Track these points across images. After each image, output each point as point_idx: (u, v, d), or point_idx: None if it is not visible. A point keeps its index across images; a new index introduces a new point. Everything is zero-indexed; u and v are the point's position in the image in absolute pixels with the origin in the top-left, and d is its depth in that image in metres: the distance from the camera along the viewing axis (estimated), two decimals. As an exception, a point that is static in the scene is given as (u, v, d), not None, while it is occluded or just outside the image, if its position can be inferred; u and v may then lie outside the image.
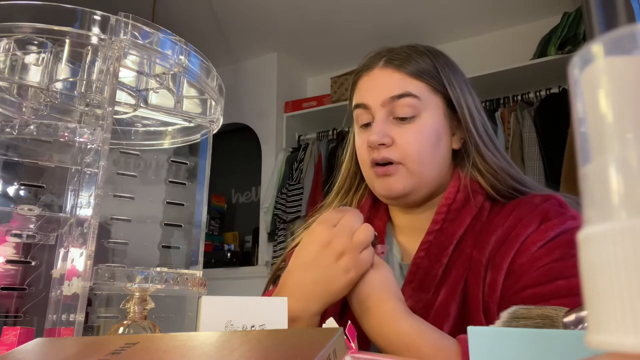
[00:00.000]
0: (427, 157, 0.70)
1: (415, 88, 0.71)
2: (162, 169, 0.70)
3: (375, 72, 0.74)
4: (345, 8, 2.69)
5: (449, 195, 0.72)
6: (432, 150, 0.71)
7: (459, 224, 0.69)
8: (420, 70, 0.72)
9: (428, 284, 0.67)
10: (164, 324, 0.57)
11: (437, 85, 0.72)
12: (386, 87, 0.72)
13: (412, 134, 0.70)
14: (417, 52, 0.75)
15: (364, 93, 0.74)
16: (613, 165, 0.16)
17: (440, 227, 0.70)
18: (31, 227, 0.55)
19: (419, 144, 0.70)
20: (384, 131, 0.70)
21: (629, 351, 0.14)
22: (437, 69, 0.73)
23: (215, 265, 2.99)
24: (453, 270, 0.67)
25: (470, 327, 0.30)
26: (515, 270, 0.62)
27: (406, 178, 0.70)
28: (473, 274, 0.65)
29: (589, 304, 0.16)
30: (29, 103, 0.59)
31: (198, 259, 0.62)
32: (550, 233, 0.62)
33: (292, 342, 0.30)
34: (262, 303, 0.47)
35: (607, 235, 0.15)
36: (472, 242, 0.68)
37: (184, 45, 0.58)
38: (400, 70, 0.72)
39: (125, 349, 0.33)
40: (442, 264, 0.67)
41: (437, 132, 0.71)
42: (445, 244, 0.69)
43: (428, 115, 0.71)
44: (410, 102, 0.70)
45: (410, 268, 0.69)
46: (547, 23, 2.53)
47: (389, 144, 0.70)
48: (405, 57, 0.73)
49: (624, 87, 0.16)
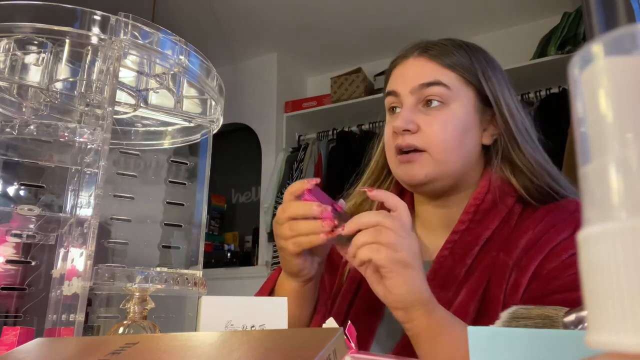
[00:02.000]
0: (453, 147, 0.69)
1: (446, 78, 0.70)
2: (162, 169, 0.70)
3: (409, 61, 0.74)
4: (345, 8, 2.69)
5: (478, 195, 0.70)
6: (458, 141, 0.69)
7: (485, 226, 0.68)
8: (453, 62, 0.71)
9: (449, 284, 0.66)
10: (164, 324, 0.57)
11: (470, 77, 0.72)
12: (417, 75, 0.71)
13: (439, 122, 0.68)
14: (454, 44, 0.74)
15: (395, 80, 0.74)
16: (613, 165, 0.16)
17: (466, 227, 0.69)
18: (31, 227, 0.55)
19: (445, 132, 0.68)
20: (410, 117, 0.69)
21: (629, 351, 0.14)
22: (472, 61, 0.73)
23: (215, 265, 2.99)
24: (476, 272, 0.66)
25: (470, 327, 0.30)
26: (543, 275, 0.61)
27: (429, 165, 0.68)
28: (497, 276, 0.64)
29: (589, 304, 0.16)
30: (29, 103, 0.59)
31: (198, 259, 0.62)
32: None
33: (292, 342, 0.30)
34: (262, 303, 0.47)
35: (607, 235, 0.15)
36: (499, 245, 0.67)
37: (184, 45, 0.58)
38: (433, 60, 0.72)
39: (125, 349, 0.33)
40: (465, 265, 0.66)
41: (465, 124, 0.70)
42: (471, 245, 0.67)
43: (457, 106, 0.70)
44: (439, 90, 0.69)
45: (433, 266, 0.68)
46: (547, 23, 2.52)
47: (414, 130, 0.69)
48: (440, 48, 0.73)
49: (624, 87, 0.16)
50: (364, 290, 0.73)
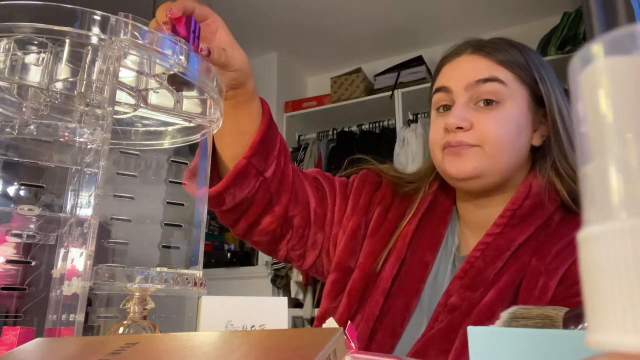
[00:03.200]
0: (506, 145, 0.67)
1: (503, 74, 0.69)
2: (162, 169, 0.70)
3: (463, 58, 0.72)
4: (345, 8, 2.69)
5: (516, 200, 0.69)
6: (511, 140, 0.68)
7: (520, 231, 0.67)
8: (509, 59, 0.70)
9: (477, 284, 0.66)
10: (164, 324, 0.57)
11: (525, 76, 0.70)
12: (472, 71, 0.70)
13: (494, 120, 0.67)
14: (508, 43, 0.73)
15: (447, 76, 0.73)
16: (613, 165, 0.16)
17: (500, 231, 0.68)
18: (31, 227, 0.55)
19: (499, 130, 0.67)
20: (463, 114, 0.67)
21: (629, 351, 0.14)
22: (528, 61, 0.71)
23: (215, 265, 2.99)
24: (506, 275, 0.65)
25: (470, 327, 0.30)
26: (570, 277, 0.61)
27: (480, 159, 0.67)
28: (528, 280, 0.64)
29: (589, 304, 0.16)
30: (29, 103, 0.59)
31: (198, 259, 0.62)
32: None
33: (292, 342, 0.30)
34: (262, 303, 0.47)
35: (607, 235, 0.15)
36: (532, 250, 0.66)
37: (184, 45, 0.58)
38: (488, 57, 0.70)
39: (125, 349, 0.33)
40: (496, 268, 0.66)
41: (519, 123, 0.69)
42: (503, 249, 0.67)
43: (512, 104, 0.68)
44: (495, 87, 0.68)
45: (463, 265, 0.68)
46: (547, 23, 2.52)
47: (467, 128, 0.67)
48: (495, 46, 0.71)
49: (624, 87, 0.16)
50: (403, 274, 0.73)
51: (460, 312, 0.64)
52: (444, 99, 0.72)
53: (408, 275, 0.72)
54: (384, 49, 3.01)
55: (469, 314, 0.63)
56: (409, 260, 0.74)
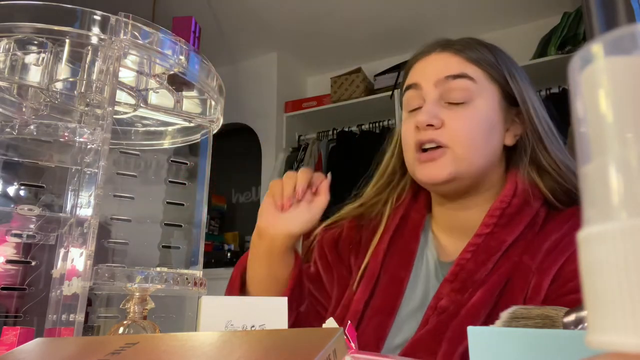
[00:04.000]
0: (477, 145, 0.67)
1: (472, 71, 0.69)
2: (162, 169, 0.70)
3: (432, 56, 0.72)
4: (345, 8, 2.69)
5: (505, 198, 0.68)
6: (483, 139, 0.67)
7: (510, 231, 0.66)
8: (478, 57, 0.70)
9: (468, 286, 0.65)
10: (164, 324, 0.57)
11: (495, 74, 0.70)
12: (442, 68, 0.69)
13: (464, 118, 0.67)
14: (477, 42, 0.73)
15: (417, 74, 0.72)
16: (613, 165, 0.16)
17: (490, 230, 0.67)
18: (31, 227, 0.55)
19: (470, 129, 0.66)
20: (434, 112, 0.67)
21: (630, 351, 0.14)
22: (497, 59, 0.71)
23: (215, 265, 2.99)
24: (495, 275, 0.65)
25: (470, 327, 0.30)
26: (563, 276, 0.60)
27: (452, 163, 0.67)
28: (518, 279, 0.63)
29: (589, 304, 0.16)
30: (29, 103, 0.59)
31: (198, 259, 0.62)
32: None
33: (292, 342, 0.30)
34: (262, 303, 0.47)
35: (607, 235, 0.15)
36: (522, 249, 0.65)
37: (184, 45, 0.58)
38: (458, 54, 0.70)
39: (125, 349, 0.33)
40: (487, 269, 0.65)
41: (490, 121, 0.68)
42: (494, 250, 0.66)
43: (482, 102, 0.68)
44: (465, 84, 0.67)
45: (453, 268, 0.67)
46: (547, 23, 2.52)
47: (438, 125, 0.67)
48: (464, 44, 0.71)
49: (624, 87, 0.16)
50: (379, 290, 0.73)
51: (448, 314, 0.63)
52: (415, 97, 0.71)
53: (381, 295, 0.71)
54: (384, 49, 3.01)
55: (457, 315, 0.62)
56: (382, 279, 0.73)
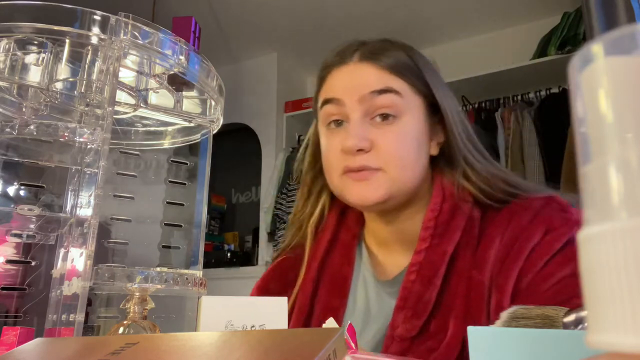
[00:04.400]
0: (410, 163, 0.64)
1: (397, 84, 0.64)
2: (162, 169, 0.70)
3: (351, 66, 0.66)
4: (345, 8, 2.69)
5: (435, 206, 0.64)
6: (414, 156, 0.64)
7: (448, 240, 0.63)
8: (401, 66, 0.65)
9: (422, 310, 0.61)
10: (164, 324, 0.57)
11: (419, 84, 0.66)
12: (364, 82, 0.64)
13: (394, 136, 0.63)
14: (395, 47, 0.68)
15: (337, 88, 0.66)
16: (613, 165, 0.16)
17: (429, 244, 0.63)
18: (31, 227, 0.55)
19: (402, 148, 0.63)
20: (363, 134, 0.62)
21: (629, 351, 0.14)
22: (419, 66, 0.67)
23: (215, 265, 2.99)
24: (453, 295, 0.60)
25: (470, 327, 0.30)
26: (523, 290, 0.56)
27: (386, 185, 0.63)
28: (475, 297, 0.59)
29: (589, 304, 0.16)
30: (29, 103, 0.59)
31: (198, 259, 0.62)
32: (556, 244, 0.56)
33: (292, 342, 0.30)
34: (262, 303, 0.47)
35: (607, 235, 0.15)
36: (469, 261, 0.61)
37: (184, 45, 0.58)
38: (379, 65, 0.65)
39: (125, 349, 0.33)
40: (435, 287, 0.61)
41: (418, 137, 0.65)
42: (437, 264, 0.62)
43: (409, 118, 0.64)
44: (391, 99, 0.63)
45: (401, 293, 0.62)
46: (547, 23, 2.53)
47: (368, 149, 0.62)
48: (382, 51, 0.66)
49: (624, 87, 0.16)
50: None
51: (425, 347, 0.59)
52: (336, 112, 0.66)
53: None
54: (384, 49, 3.01)
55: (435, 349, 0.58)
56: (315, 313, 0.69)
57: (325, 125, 0.68)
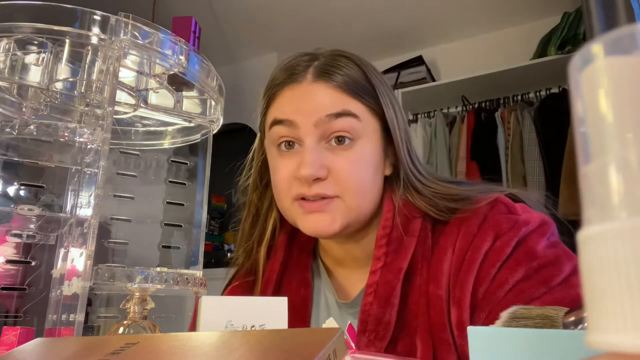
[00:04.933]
0: (367, 190, 0.61)
1: (355, 107, 0.61)
2: (162, 169, 0.70)
3: (304, 85, 0.63)
4: (345, 8, 2.69)
5: (386, 223, 0.63)
6: (371, 181, 0.62)
7: (403, 256, 0.61)
8: (357, 86, 0.62)
9: (384, 332, 0.59)
10: (164, 324, 0.57)
11: (374, 105, 0.63)
12: (320, 104, 0.61)
13: (351, 162, 0.60)
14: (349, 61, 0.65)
15: (290, 109, 0.62)
16: (613, 165, 0.16)
17: (384, 263, 0.61)
18: (31, 227, 0.55)
19: (359, 174, 0.60)
20: (318, 161, 0.59)
21: (629, 351, 0.14)
22: (373, 85, 0.64)
23: (215, 265, 2.99)
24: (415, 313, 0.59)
25: (470, 327, 0.30)
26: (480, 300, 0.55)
27: (343, 214, 0.60)
28: (435, 314, 0.57)
29: (589, 304, 0.16)
30: (29, 103, 0.59)
31: (198, 259, 0.62)
32: (507, 249, 0.56)
33: (292, 342, 0.30)
34: (262, 303, 0.47)
35: (607, 235, 0.15)
36: (425, 276, 0.60)
37: (184, 45, 0.58)
38: (334, 85, 0.62)
39: (125, 349, 0.33)
40: (394, 306, 0.59)
41: (375, 159, 0.63)
42: (393, 283, 0.60)
43: (365, 141, 0.62)
44: (349, 123, 0.60)
45: (361, 316, 0.60)
46: (547, 23, 2.52)
47: (324, 177, 0.60)
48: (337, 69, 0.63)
49: (624, 87, 0.16)
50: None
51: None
52: (287, 134, 0.62)
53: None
54: (384, 49, 3.01)
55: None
56: None
57: (275, 146, 0.64)
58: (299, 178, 0.60)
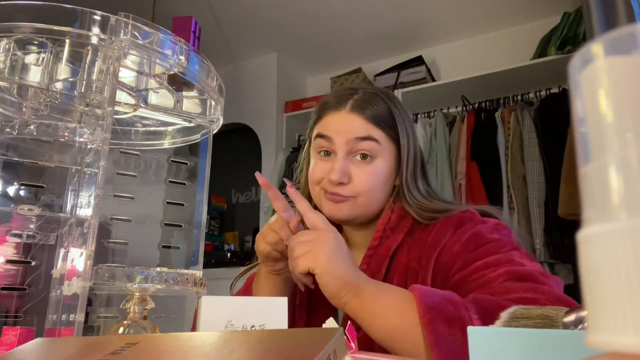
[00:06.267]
0: (376, 195, 0.84)
1: (377, 134, 0.83)
2: (162, 169, 0.70)
3: (343, 113, 0.85)
4: (345, 8, 2.69)
5: (385, 217, 0.85)
6: (381, 189, 0.84)
7: (393, 240, 0.83)
8: (381, 119, 0.84)
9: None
10: (164, 324, 0.57)
11: (393, 134, 0.85)
12: (352, 129, 0.83)
13: (368, 174, 0.82)
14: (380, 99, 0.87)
15: (330, 128, 0.84)
16: (613, 165, 0.16)
17: (378, 243, 0.83)
18: (31, 227, 0.55)
19: (372, 184, 0.82)
20: (345, 170, 0.82)
21: (629, 351, 0.14)
22: (395, 118, 0.85)
23: (215, 265, 2.99)
24: (394, 278, 0.80)
25: (470, 327, 0.30)
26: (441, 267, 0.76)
27: (352, 208, 0.82)
28: (410, 278, 0.79)
29: (589, 304, 0.16)
30: (29, 103, 0.59)
31: (198, 259, 0.62)
32: (464, 235, 0.76)
33: (292, 342, 0.30)
34: (262, 303, 0.47)
35: (607, 235, 0.15)
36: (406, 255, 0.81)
37: (184, 45, 0.58)
38: (365, 117, 0.84)
39: (125, 349, 0.33)
40: (381, 273, 0.81)
41: (387, 175, 0.84)
42: (383, 257, 0.82)
43: (382, 160, 0.83)
44: (371, 145, 0.82)
45: None
46: (547, 23, 2.52)
47: (346, 182, 0.82)
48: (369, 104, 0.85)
49: (624, 87, 0.16)
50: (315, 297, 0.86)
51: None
52: (325, 146, 0.85)
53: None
54: (384, 49, 3.01)
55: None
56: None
57: (316, 152, 0.87)
58: (328, 180, 0.82)
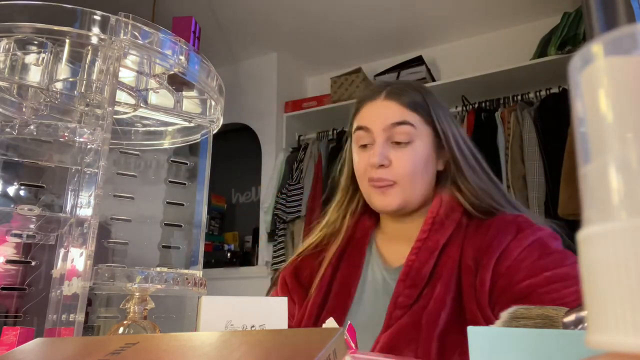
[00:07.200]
0: (418, 177, 0.85)
1: (412, 118, 0.86)
2: (162, 169, 0.70)
3: (378, 102, 0.88)
4: (346, 8, 2.69)
5: (433, 210, 0.85)
6: (422, 171, 0.85)
7: (442, 233, 0.83)
8: (415, 104, 0.87)
9: (418, 282, 0.80)
10: (164, 324, 0.57)
11: (427, 117, 0.87)
12: (388, 115, 0.86)
13: (407, 157, 0.84)
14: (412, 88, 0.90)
15: (367, 118, 0.88)
16: (613, 165, 0.16)
17: (427, 236, 0.83)
18: (31, 227, 0.55)
19: (412, 166, 0.84)
20: (384, 154, 0.84)
21: (629, 351, 0.14)
22: (428, 104, 0.88)
23: (215, 265, 2.99)
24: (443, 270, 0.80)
25: (470, 327, 0.30)
26: (503, 273, 0.75)
27: (400, 195, 0.85)
28: (466, 276, 0.78)
29: (589, 304, 0.16)
30: (29, 103, 0.59)
31: (198, 259, 0.62)
32: (526, 241, 0.76)
33: (292, 342, 0.30)
34: (262, 303, 0.47)
35: (607, 235, 0.15)
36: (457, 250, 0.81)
37: (184, 45, 0.58)
38: (399, 103, 0.87)
39: (125, 349, 0.33)
40: (429, 265, 0.80)
41: (426, 157, 0.86)
42: (432, 249, 0.82)
43: (420, 143, 0.85)
44: (407, 129, 0.85)
45: (404, 269, 0.82)
46: (547, 23, 2.52)
47: (387, 165, 0.84)
48: (403, 92, 0.88)
49: (624, 87, 0.16)
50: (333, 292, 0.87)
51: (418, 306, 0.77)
52: (365, 137, 0.87)
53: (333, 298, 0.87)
54: (384, 49, 3.01)
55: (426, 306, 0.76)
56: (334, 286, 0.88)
57: (357, 145, 0.90)
58: (370, 164, 0.85)
